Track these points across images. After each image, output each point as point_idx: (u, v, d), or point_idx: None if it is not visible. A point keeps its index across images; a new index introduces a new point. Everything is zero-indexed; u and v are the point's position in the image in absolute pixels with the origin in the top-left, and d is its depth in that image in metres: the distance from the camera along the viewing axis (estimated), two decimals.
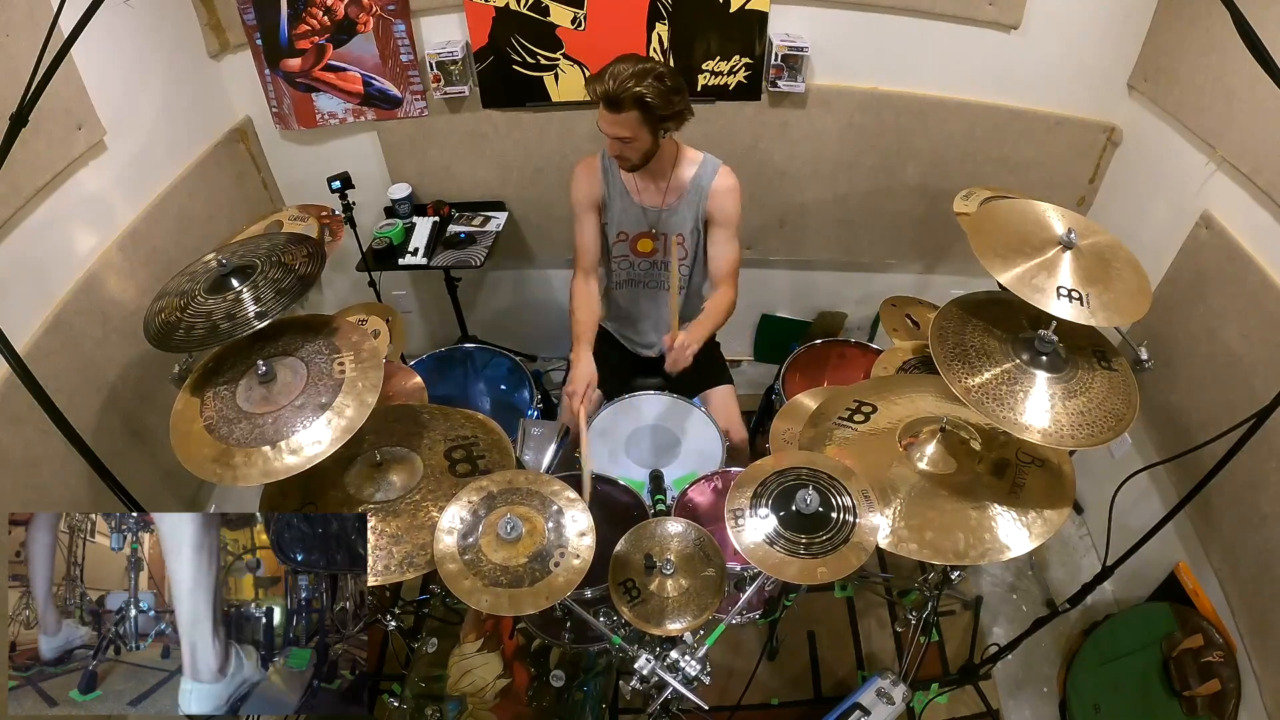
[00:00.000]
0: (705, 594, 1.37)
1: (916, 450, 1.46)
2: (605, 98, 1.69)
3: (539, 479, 1.36)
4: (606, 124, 1.75)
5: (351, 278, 2.57)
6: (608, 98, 1.69)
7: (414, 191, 2.49)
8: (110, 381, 1.76)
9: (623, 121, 1.72)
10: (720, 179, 1.93)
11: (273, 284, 1.40)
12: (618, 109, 1.70)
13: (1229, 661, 1.73)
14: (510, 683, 1.72)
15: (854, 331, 2.95)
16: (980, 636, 2.28)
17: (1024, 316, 1.42)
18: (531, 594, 1.21)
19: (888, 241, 2.62)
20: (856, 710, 1.84)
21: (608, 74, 1.69)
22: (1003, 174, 2.34)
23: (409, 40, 2.18)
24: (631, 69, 1.68)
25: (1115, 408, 1.32)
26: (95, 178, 1.74)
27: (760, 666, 2.02)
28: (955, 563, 1.46)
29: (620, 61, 1.70)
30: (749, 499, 1.33)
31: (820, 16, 2.13)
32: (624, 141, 1.77)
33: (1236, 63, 1.65)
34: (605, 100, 1.70)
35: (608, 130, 1.76)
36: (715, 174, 1.93)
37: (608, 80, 1.68)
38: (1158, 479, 2.00)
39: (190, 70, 2.12)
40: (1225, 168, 1.78)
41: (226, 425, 1.30)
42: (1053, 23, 2.06)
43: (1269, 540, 1.64)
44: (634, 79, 1.67)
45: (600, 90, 1.69)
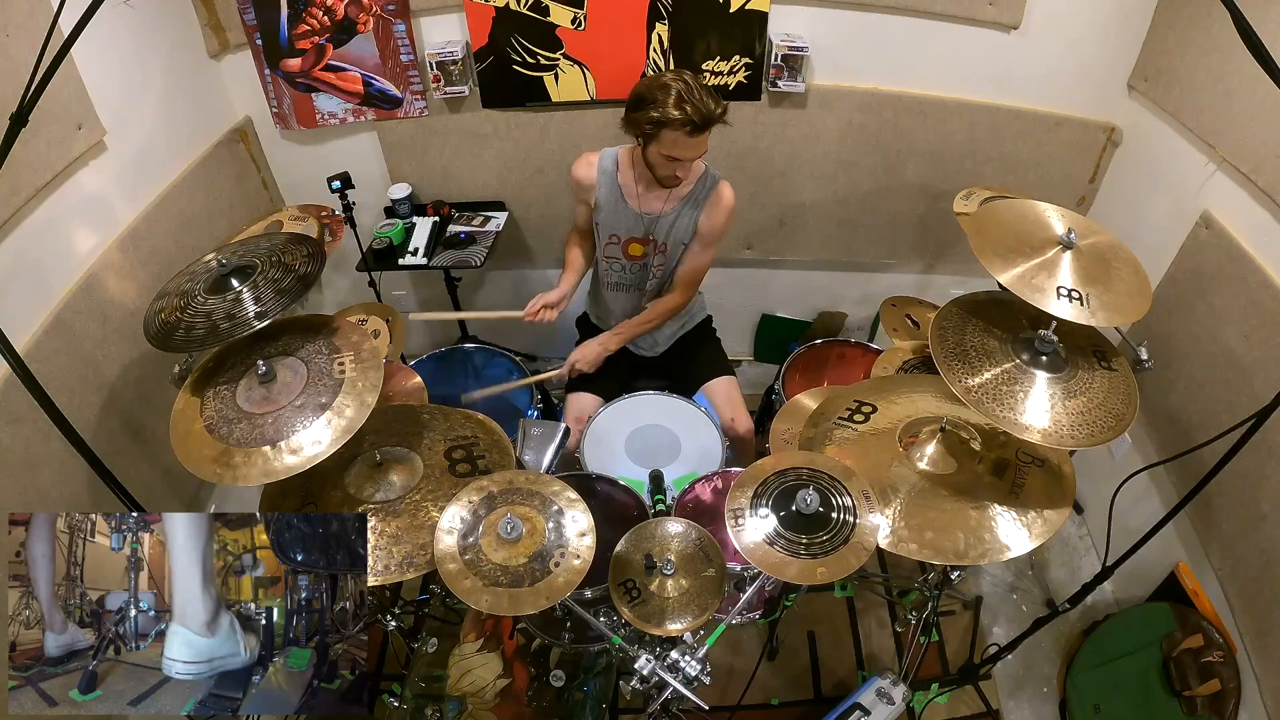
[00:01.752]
0: (705, 594, 1.38)
1: (916, 450, 1.46)
2: (700, 123, 1.66)
3: (539, 479, 1.36)
4: (689, 149, 1.72)
5: (351, 278, 2.57)
6: (704, 122, 1.66)
7: (414, 191, 2.49)
8: (110, 381, 1.76)
9: (703, 141, 1.72)
10: (720, 194, 1.92)
11: (273, 284, 1.40)
12: (705, 130, 1.68)
13: (1229, 661, 1.73)
14: (510, 683, 1.72)
15: (854, 331, 2.95)
16: (980, 636, 2.28)
17: (1024, 316, 1.43)
18: (531, 594, 1.21)
19: (888, 241, 2.62)
20: (856, 710, 1.84)
21: (683, 100, 1.65)
22: (1003, 174, 2.34)
23: (409, 40, 2.18)
24: (697, 88, 1.66)
25: (1115, 408, 1.32)
26: (95, 178, 1.74)
27: (760, 666, 2.02)
28: (955, 563, 1.46)
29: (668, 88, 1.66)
30: (749, 499, 1.33)
31: (820, 16, 2.13)
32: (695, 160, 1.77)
33: (1236, 63, 1.66)
34: (698, 124, 1.66)
35: (687, 154, 1.74)
36: (715, 188, 1.92)
37: (694, 105, 1.64)
38: (1158, 479, 2.00)
39: (190, 70, 2.12)
40: (1225, 168, 1.78)
41: (226, 425, 1.30)
42: (1053, 23, 2.06)
43: (1269, 540, 1.64)
44: (710, 98, 1.67)
45: (695, 117, 1.65)
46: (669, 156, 1.75)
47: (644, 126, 1.72)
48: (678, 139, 1.70)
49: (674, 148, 1.72)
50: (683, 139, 1.69)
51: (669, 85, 1.67)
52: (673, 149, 1.72)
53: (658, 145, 1.74)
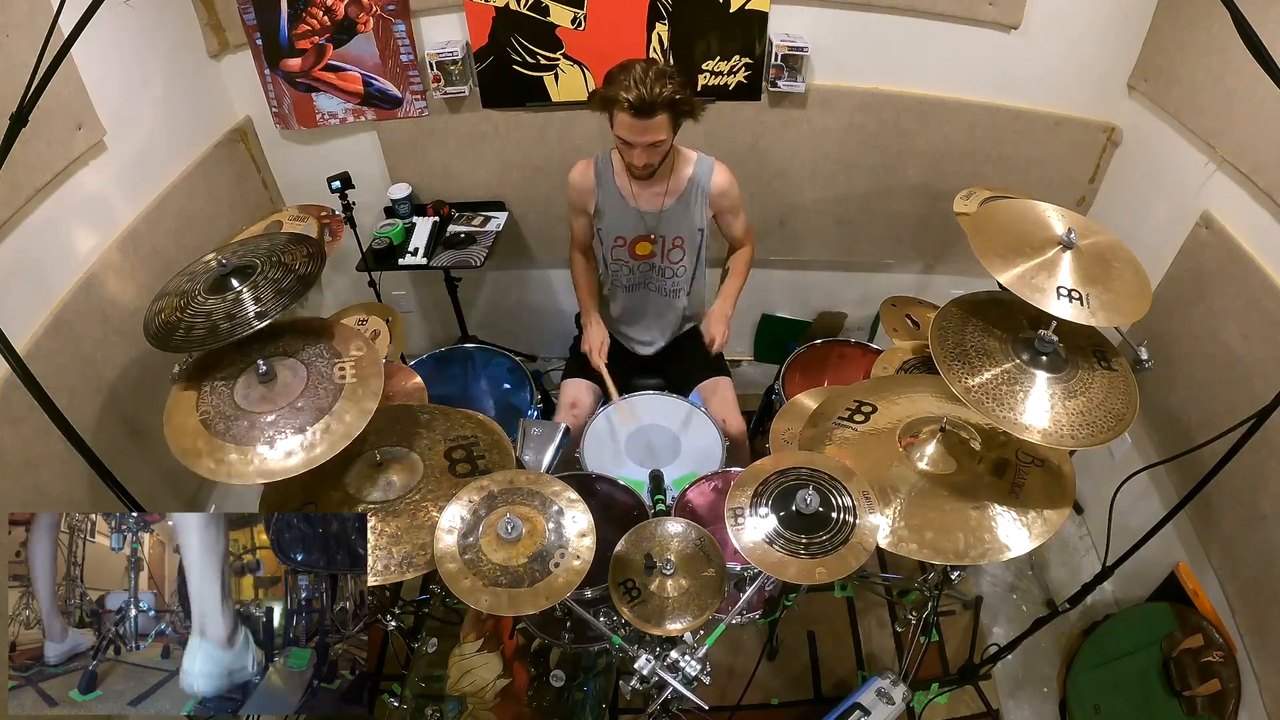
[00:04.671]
0: (705, 594, 1.37)
1: (916, 450, 1.46)
2: (638, 105, 1.64)
3: (539, 479, 1.36)
4: (636, 133, 1.70)
5: (351, 278, 2.57)
6: (642, 105, 1.64)
7: (414, 191, 2.49)
8: (110, 381, 1.76)
9: (655, 126, 1.69)
10: (718, 176, 1.94)
11: (273, 284, 1.40)
12: (650, 114, 1.66)
13: (1229, 661, 1.73)
14: (510, 683, 1.72)
15: (854, 331, 2.95)
16: (980, 636, 2.28)
17: (1024, 316, 1.43)
18: (531, 594, 1.21)
19: (887, 241, 2.62)
20: (856, 710, 1.84)
21: (630, 82, 1.64)
22: (1003, 174, 2.34)
23: (409, 40, 2.18)
24: (649, 71, 1.65)
25: (1115, 408, 1.32)
26: (95, 178, 1.74)
27: (760, 666, 2.02)
28: (955, 563, 1.46)
29: (629, 68, 1.67)
30: (749, 499, 1.33)
31: (820, 16, 2.13)
32: (654, 148, 1.75)
33: (1236, 63, 1.65)
34: (637, 108, 1.64)
35: (638, 138, 1.72)
36: (712, 172, 1.94)
37: (635, 87, 1.63)
38: (1158, 479, 2.00)
39: (190, 70, 2.12)
40: (1225, 168, 1.78)
41: (223, 422, 1.30)
42: (1053, 23, 2.06)
43: (1269, 540, 1.64)
44: (657, 81, 1.64)
45: (633, 98, 1.63)
46: (622, 140, 1.76)
47: (596, 104, 1.74)
48: (622, 120, 1.70)
49: (623, 129, 1.73)
50: (627, 120, 1.69)
51: (631, 66, 1.68)
52: (622, 130, 1.73)
53: (614, 128, 1.75)
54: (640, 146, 1.75)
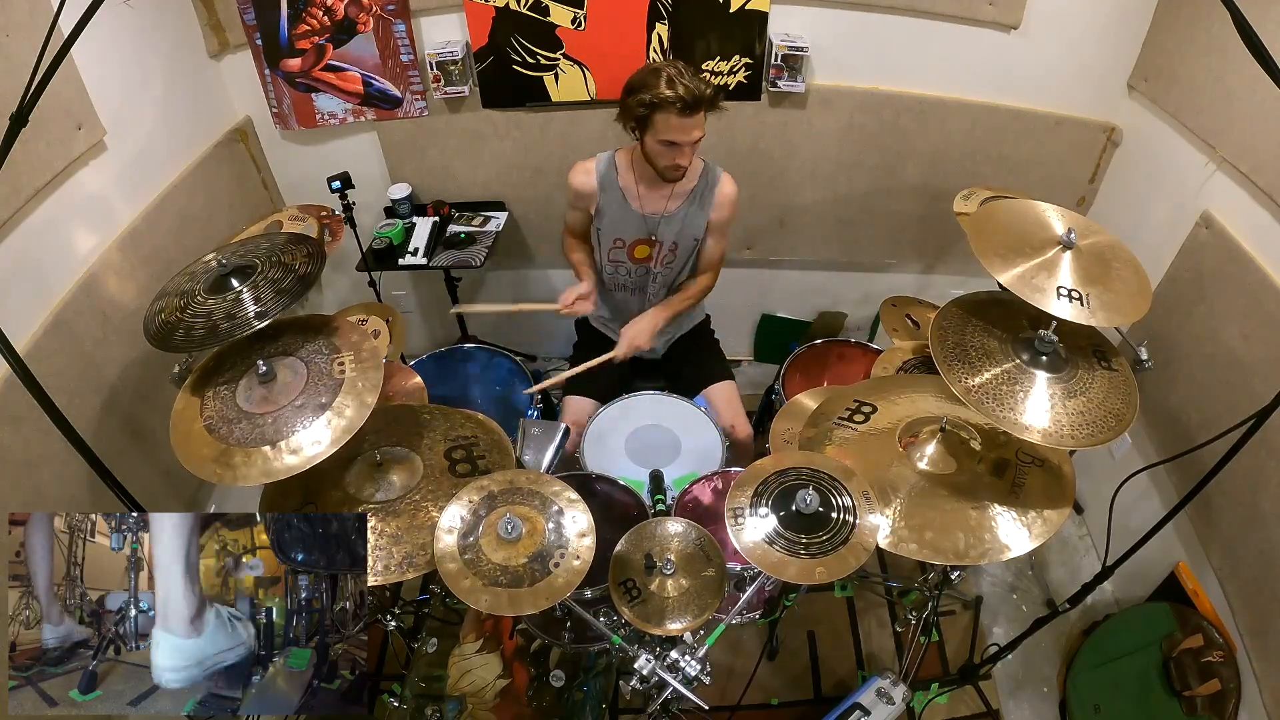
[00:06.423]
0: (705, 594, 1.37)
1: (916, 450, 1.46)
2: (690, 102, 1.65)
3: (539, 479, 1.36)
4: (684, 131, 1.71)
5: (351, 278, 2.57)
6: (693, 101, 1.65)
7: (414, 191, 2.49)
8: (110, 381, 1.76)
9: (699, 123, 1.71)
10: (724, 186, 1.94)
11: (273, 284, 1.40)
12: (697, 110, 1.68)
13: (1229, 661, 1.73)
14: (510, 683, 1.72)
15: (854, 331, 2.95)
16: (980, 636, 2.28)
17: (1024, 316, 1.42)
18: (531, 594, 1.21)
19: (888, 241, 2.62)
20: (856, 710, 1.84)
21: (672, 82, 1.65)
22: (1003, 174, 2.34)
23: (409, 40, 2.18)
24: (684, 70, 1.67)
25: (1115, 408, 1.32)
26: (95, 178, 1.74)
27: (760, 666, 2.02)
28: (955, 563, 1.46)
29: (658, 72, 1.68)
30: (749, 499, 1.33)
31: (820, 16, 2.13)
32: (695, 145, 1.76)
33: (1236, 63, 1.65)
34: (689, 105, 1.65)
35: (686, 137, 1.72)
36: (719, 181, 1.94)
37: (681, 86, 1.64)
38: (1158, 479, 2.00)
39: (190, 70, 2.12)
40: (1225, 168, 1.78)
41: (226, 425, 1.30)
42: (1053, 23, 2.06)
43: (1269, 540, 1.64)
44: (695, 78, 1.66)
45: (683, 96, 1.64)
46: (666, 142, 1.74)
47: (637, 111, 1.73)
48: (671, 121, 1.69)
49: (669, 131, 1.71)
50: (676, 120, 1.69)
51: (659, 70, 1.69)
52: (668, 132, 1.72)
53: (654, 133, 1.74)
54: (687, 145, 1.75)
